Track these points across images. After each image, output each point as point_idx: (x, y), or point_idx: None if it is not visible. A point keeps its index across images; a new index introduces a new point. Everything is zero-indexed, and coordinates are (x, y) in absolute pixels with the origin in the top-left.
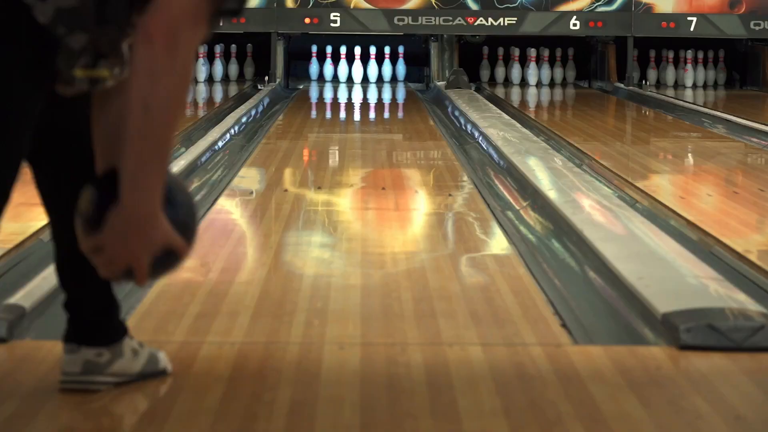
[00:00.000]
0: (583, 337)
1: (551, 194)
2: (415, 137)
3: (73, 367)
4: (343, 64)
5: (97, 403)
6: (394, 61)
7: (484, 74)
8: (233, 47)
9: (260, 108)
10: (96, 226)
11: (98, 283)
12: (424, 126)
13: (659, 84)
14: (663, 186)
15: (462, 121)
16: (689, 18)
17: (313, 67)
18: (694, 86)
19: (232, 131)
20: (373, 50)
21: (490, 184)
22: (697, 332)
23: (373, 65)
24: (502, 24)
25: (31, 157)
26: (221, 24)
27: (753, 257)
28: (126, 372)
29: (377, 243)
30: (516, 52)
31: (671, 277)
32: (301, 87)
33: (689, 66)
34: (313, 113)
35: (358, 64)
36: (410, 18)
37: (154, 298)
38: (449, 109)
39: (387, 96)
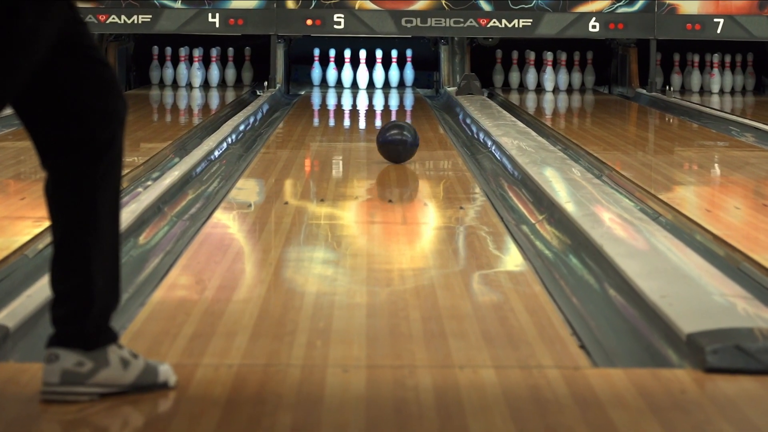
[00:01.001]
0: (602, 359)
1: (569, 207)
2: (424, 146)
3: (52, 377)
4: (347, 69)
5: (85, 429)
6: (401, 66)
7: (498, 79)
8: (230, 51)
9: (259, 115)
10: None
11: (84, 280)
12: (434, 134)
13: (684, 90)
14: (688, 198)
15: (474, 129)
16: (716, 20)
17: (316, 72)
18: (721, 92)
19: (230, 140)
20: (379, 54)
21: (503, 197)
22: (725, 354)
23: (379, 70)
24: (516, 26)
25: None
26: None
27: None
28: (114, 383)
29: (384, 259)
30: (531, 55)
31: (696, 295)
32: (302, 93)
33: (716, 71)
34: (316, 121)
35: (363, 69)
36: (419, 19)
37: (146, 318)
38: (460, 117)
39: (394, 103)
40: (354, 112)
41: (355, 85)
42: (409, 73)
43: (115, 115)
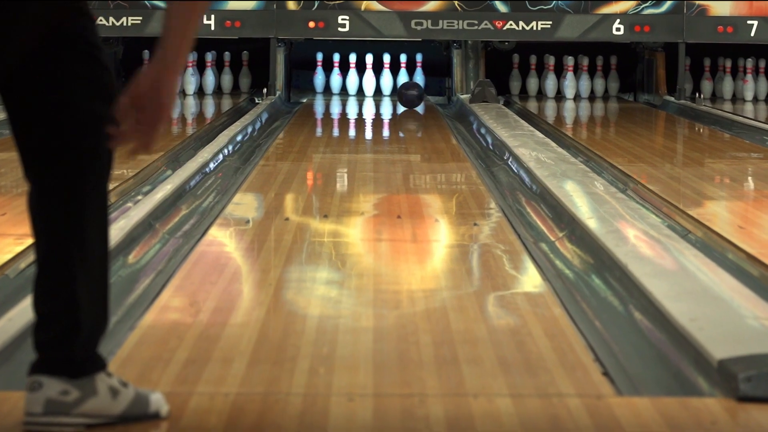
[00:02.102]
0: (627, 388)
1: (591, 223)
2: (435, 158)
3: (35, 407)
4: (352, 75)
5: None
6: (411, 71)
7: (515, 86)
8: (227, 55)
9: (258, 125)
10: None
11: (70, 301)
12: (446, 145)
13: (715, 97)
14: (719, 214)
15: (489, 139)
16: (749, 22)
17: (319, 78)
18: (755, 100)
19: (226, 151)
20: (387, 58)
21: (521, 212)
22: (758, 381)
23: (387, 76)
24: (534, 28)
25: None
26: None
27: None
28: (102, 413)
29: (392, 279)
30: (551, 60)
31: (728, 318)
32: (304, 100)
33: (749, 77)
34: (319, 131)
35: (369, 75)
36: (430, 22)
37: (136, 343)
38: (474, 126)
39: (403, 111)
40: (360, 121)
41: (361, 93)
42: (419, 79)
43: (103, 121)
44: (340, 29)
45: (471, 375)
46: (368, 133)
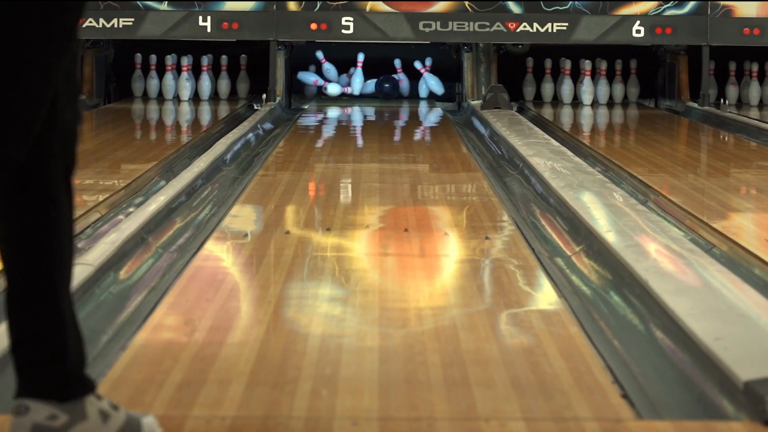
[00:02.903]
0: (648, 411)
1: (609, 237)
2: (445, 168)
3: None
4: (356, 78)
5: None
6: (418, 76)
7: (528, 91)
8: (224, 59)
9: (257, 132)
10: None
11: (54, 321)
12: (456, 154)
13: (741, 103)
14: (745, 227)
15: (501, 148)
16: None
17: (321, 83)
18: None
19: (223, 161)
20: (397, 63)
21: (535, 225)
22: None
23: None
24: (550, 30)
25: None
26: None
27: None
28: None
29: (398, 296)
30: (567, 64)
31: (755, 337)
32: (306, 107)
33: None
34: (321, 139)
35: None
36: (439, 23)
37: (128, 363)
38: (486, 134)
39: (410, 118)
40: (365, 128)
41: (364, 98)
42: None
43: (51, 128)
44: (343, 31)
45: (482, 398)
46: (374, 142)
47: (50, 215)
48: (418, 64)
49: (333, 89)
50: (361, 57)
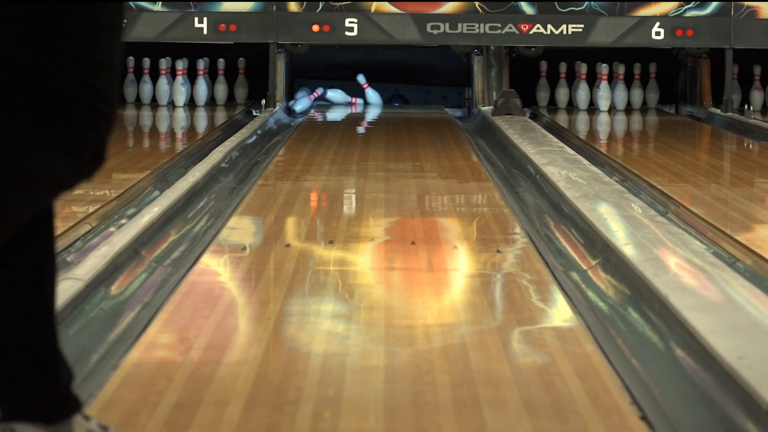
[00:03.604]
0: None
1: (628, 250)
2: (454, 177)
3: None
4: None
5: None
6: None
7: (542, 97)
8: (221, 62)
9: (255, 140)
10: None
11: (36, 337)
12: (465, 163)
13: (766, 109)
14: None
15: (513, 156)
16: None
17: (323, 88)
18: None
19: (220, 169)
20: (361, 78)
21: (549, 238)
22: None
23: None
24: (564, 33)
25: None
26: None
27: None
28: None
29: (405, 313)
30: (583, 68)
31: None
32: (307, 113)
33: None
34: (323, 146)
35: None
36: (447, 25)
37: (120, 383)
38: (497, 142)
39: (417, 124)
40: (369, 135)
41: (368, 103)
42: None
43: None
44: (347, 33)
45: (493, 419)
46: (379, 149)
47: (36, 269)
48: (361, 78)
49: (336, 96)
50: (362, 79)
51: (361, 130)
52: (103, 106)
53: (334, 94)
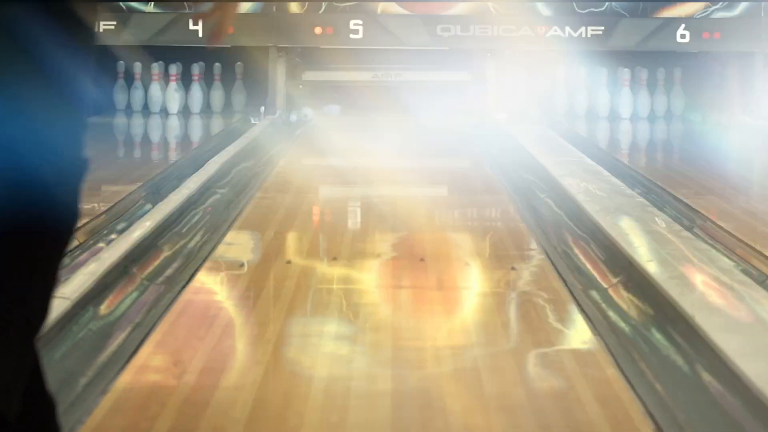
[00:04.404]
0: None
1: (651, 267)
2: (465, 190)
3: None
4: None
5: None
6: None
7: (560, 104)
8: (217, 67)
9: (254, 149)
10: None
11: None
12: (477, 174)
13: None
14: None
15: (529, 167)
16: None
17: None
18: None
19: (216, 181)
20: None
21: (567, 254)
22: None
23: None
24: (584, 35)
25: None
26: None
27: None
28: None
29: (413, 334)
30: (603, 73)
31: None
32: (308, 121)
33: None
34: (326, 157)
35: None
36: (459, 27)
37: (110, 409)
38: (512, 151)
39: (426, 133)
40: (376, 145)
41: (372, 112)
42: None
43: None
44: (352, 36)
45: None
46: (385, 160)
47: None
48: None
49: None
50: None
51: (367, 138)
52: None
53: (332, 108)
